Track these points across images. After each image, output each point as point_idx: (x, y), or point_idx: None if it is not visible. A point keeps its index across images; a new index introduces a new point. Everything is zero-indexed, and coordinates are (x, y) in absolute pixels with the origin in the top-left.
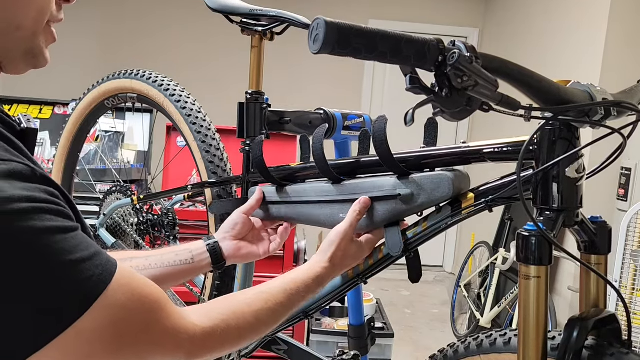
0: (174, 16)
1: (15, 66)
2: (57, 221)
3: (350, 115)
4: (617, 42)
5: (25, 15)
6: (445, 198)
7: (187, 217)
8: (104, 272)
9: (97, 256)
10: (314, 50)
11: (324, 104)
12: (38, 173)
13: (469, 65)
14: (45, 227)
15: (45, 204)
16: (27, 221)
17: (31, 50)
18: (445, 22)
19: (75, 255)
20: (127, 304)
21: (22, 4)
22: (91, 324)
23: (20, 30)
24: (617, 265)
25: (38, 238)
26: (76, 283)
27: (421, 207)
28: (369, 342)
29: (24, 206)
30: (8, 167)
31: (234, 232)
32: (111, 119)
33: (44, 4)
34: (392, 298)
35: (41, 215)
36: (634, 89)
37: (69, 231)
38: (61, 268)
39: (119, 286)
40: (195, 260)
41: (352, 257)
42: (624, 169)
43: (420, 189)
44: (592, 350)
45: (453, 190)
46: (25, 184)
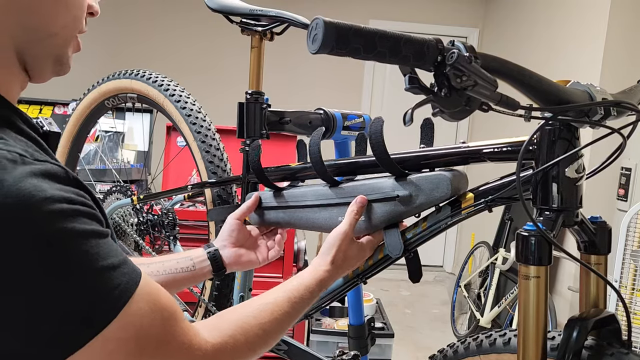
0: (174, 16)
1: (43, 73)
2: (92, 225)
3: (350, 115)
4: (617, 42)
5: (61, 23)
6: (444, 198)
7: (187, 217)
8: (130, 281)
9: (124, 264)
10: (313, 50)
11: (324, 104)
12: (71, 175)
13: (468, 65)
14: (82, 230)
15: (82, 206)
16: (66, 223)
17: (60, 57)
18: (445, 22)
19: (107, 262)
20: (149, 314)
21: (60, 13)
22: (116, 333)
23: (55, 38)
24: (617, 265)
25: (75, 241)
26: (106, 290)
27: (420, 207)
28: (369, 342)
29: (64, 207)
30: (45, 167)
31: (232, 239)
32: (111, 119)
33: (78, 13)
34: (392, 298)
35: (79, 217)
36: (634, 89)
37: (102, 236)
38: (94, 274)
39: (143, 296)
40: (196, 268)
41: (353, 258)
42: (624, 169)
43: (419, 190)
44: (591, 350)
45: (451, 190)
46: (62, 185)
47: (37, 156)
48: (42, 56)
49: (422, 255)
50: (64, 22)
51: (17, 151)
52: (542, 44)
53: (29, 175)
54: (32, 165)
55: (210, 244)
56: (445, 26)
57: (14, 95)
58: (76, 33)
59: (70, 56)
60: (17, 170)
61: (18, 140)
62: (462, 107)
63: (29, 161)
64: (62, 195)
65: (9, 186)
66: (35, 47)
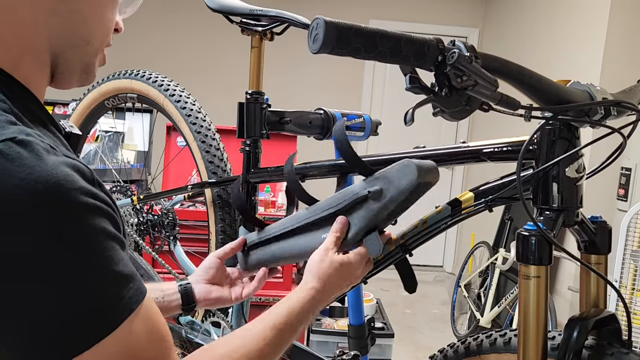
0: (174, 16)
1: (70, 80)
2: (112, 228)
3: (350, 115)
4: (617, 42)
5: (96, 32)
6: (412, 183)
7: (187, 217)
8: (135, 297)
9: (134, 279)
10: (314, 50)
11: (324, 104)
12: (96, 179)
13: (469, 65)
14: (104, 229)
15: (107, 206)
16: (92, 217)
17: (88, 66)
18: (445, 22)
19: (119, 269)
20: (145, 336)
21: (96, 22)
22: (111, 348)
23: (88, 45)
24: (617, 265)
25: (97, 237)
26: (112, 298)
27: (393, 200)
28: (369, 342)
29: (91, 202)
30: (75, 162)
31: (208, 276)
32: (111, 119)
33: (109, 26)
34: (392, 298)
35: (103, 216)
36: (634, 89)
37: (119, 242)
38: (105, 276)
39: (144, 317)
40: (165, 300)
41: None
42: (624, 169)
43: (388, 182)
44: (592, 350)
45: (418, 174)
46: (89, 181)
47: (67, 153)
48: (73, 62)
49: (422, 255)
50: (97, 32)
51: (49, 143)
52: (542, 43)
53: (61, 164)
54: (63, 157)
55: (184, 279)
56: (445, 26)
57: (43, 97)
58: (104, 45)
59: (97, 68)
60: (50, 159)
61: (48, 136)
62: (462, 107)
63: (60, 154)
64: (90, 189)
65: (41, 171)
66: (69, 53)
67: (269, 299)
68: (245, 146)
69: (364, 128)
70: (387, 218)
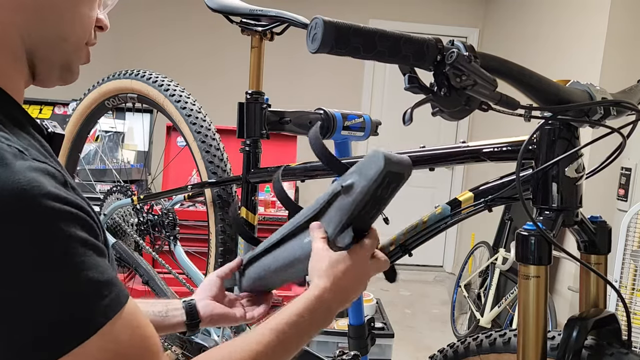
0: (175, 17)
1: (50, 77)
2: (84, 233)
3: (350, 115)
4: (617, 42)
5: (72, 30)
6: (379, 171)
7: (187, 217)
8: (111, 304)
9: (112, 284)
10: (313, 50)
11: (324, 104)
12: (69, 182)
13: (468, 65)
14: (74, 235)
15: (79, 211)
16: (60, 222)
17: (68, 65)
18: (445, 22)
19: (93, 275)
20: (128, 342)
21: (70, 18)
22: (89, 355)
23: (65, 42)
24: (617, 265)
25: (66, 243)
26: (88, 304)
27: (363, 191)
28: (369, 342)
29: (59, 207)
30: (45, 166)
31: (211, 293)
32: (111, 119)
33: (88, 22)
34: (392, 298)
35: (73, 222)
36: (634, 89)
37: (93, 248)
38: (78, 282)
39: (125, 322)
40: (168, 315)
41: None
42: (624, 169)
43: (359, 174)
44: (591, 350)
45: (385, 162)
46: (60, 186)
47: (38, 156)
48: (50, 60)
49: (422, 255)
50: (74, 29)
51: (17, 147)
52: (542, 43)
53: (28, 170)
54: (32, 162)
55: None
56: (445, 26)
57: (21, 96)
58: (84, 42)
59: (78, 66)
60: (16, 164)
61: (22, 138)
62: (461, 107)
63: (29, 158)
64: (59, 194)
65: (6, 178)
66: (45, 50)
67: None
68: (245, 146)
69: (364, 128)
70: (363, 213)
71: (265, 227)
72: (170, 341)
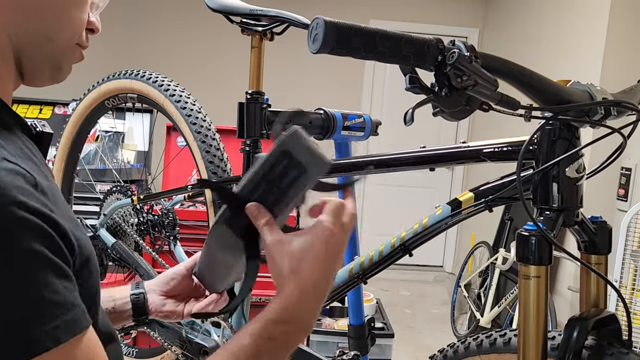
0: (174, 16)
1: (39, 77)
2: (36, 243)
3: (350, 115)
4: (617, 42)
5: (59, 30)
6: (277, 145)
7: (187, 217)
8: (63, 327)
9: (64, 307)
10: (314, 50)
11: (324, 104)
12: (39, 186)
13: (469, 65)
14: (29, 250)
15: (35, 217)
16: (19, 234)
17: (57, 65)
18: (445, 22)
19: (41, 292)
20: None
21: (59, 21)
22: None
23: (51, 42)
24: (617, 265)
25: (19, 256)
26: (30, 321)
27: (260, 161)
28: (369, 342)
29: (20, 215)
30: (14, 167)
31: (166, 288)
32: (111, 119)
33: (77, 23)
34: (392, 298)
35: (33, 234)
36: (634, 89)
37: (44, 262)
38: (20, 297)
39: (77, 352)
40: (117, 311)
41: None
42: (624, 169)
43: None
44: (592, 350)
45: (283, 141)
46: (24, 185)
47: (8, 157)
48: (38, 60)
49: (422, 255)
50: (61, 29)
51: None
52: (543, 43)
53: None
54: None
55: (139, 284)
56: (445, 26)
57: (8, 96)
58: (74, 43)
59: (70, 65)
60: None
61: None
62: (462, 107)
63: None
64: (17, 197)
65: None
66: (32, 50)
67: (269, 299)
68: (245, 146)
69: (364, 128)
70: (262, 189)
71: None
72: (170, 341)
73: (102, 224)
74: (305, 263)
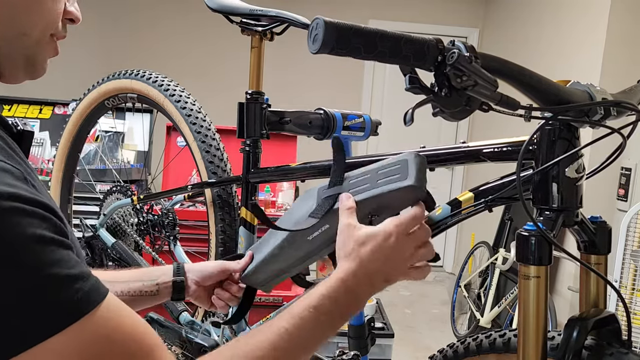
0: (174, 17)
1: (15, 74)
2: (39, 227)
3: (350, 115)
4: (617, 42)
5: (32, 24)
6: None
7: (187, 217)
8: (85, 298)
9: (80, 279)
10: (313, 50)
11: (324, 104)
12: (29, 180)
13: (468, 65)
14: (30, 233)
15: (31, 206)
16: (13, 221)
17: (32, 59)
18: (445, 22)
19: (51, 270)
20: (106, 340)
21: (32, 14)
22: (58, 350)
23: (25, 37)
24: (617, 265)
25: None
26: (46, 301)
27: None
28: (369, 342)
29: (6, 205)
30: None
31: (203, 282)
32: (111, 119)
33: (52, 15)
34: (392, 298)
35: (23, 218)
36: (634, 89)
37: (51, 242)
38: (31, 280)
39: (101, 319)
40: (160, 293)
41: (380, 249)
42: (624, 169)
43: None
44: (591, 350)
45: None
46: (14, 181)
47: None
48: (12, 56)
49: None
50: (34, 23)
51: None
52: (542, 43)
53: None
54: None
55: (181, 268)
56: (445, 26)
57: None
58: (48, 35)
59: (45, 59)
60: None
61: None
62: (462, 107)
63: None
64: (12, 192)
65: None
66: (6, 46)
67: (268, 299)
68: (245, 146)
69: (364, 128)
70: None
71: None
72: (170, 341)
73: (102, 223)
74: (365, 249)
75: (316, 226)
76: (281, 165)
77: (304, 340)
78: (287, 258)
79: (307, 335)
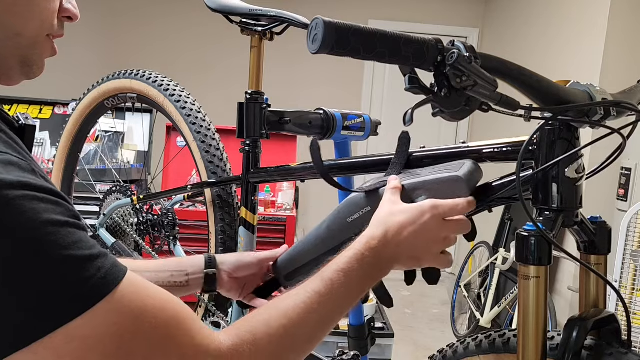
0: (174, 16)
1: (11, 75)
2: (53, 212)
3: (350, 115)
4: (617, 42)
5: (27, 24)
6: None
7: (187, 217)
8: (107, 276)
9: (100, 258)
10: (313, 50)
11: (324, 104)
12: (37, 169)
13: (468, 65)
14: (46, 218)
15: (42, 193)
16: (27, 208)
17: (28, 59)
18: (445, 22)
19: (71, 252)
20: (134, 315)
21: (25, 13)
22: (86, 330)
23: (19, 37)
24: (617, 266)
25: (38, 227)
26: (69, 283)
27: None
28: (369, 342)
29: (18, 193)
30: (4, 157)
31: (234, 272)
32: (111, 119)
33: (46, 14)
34: None
35: (36, 204)
36: (634, 89)
37: (66, 225)
38: (51, 264)
39: (126, 295)
40: (190, 285)
41: (411, 223)
42: (624, 169)
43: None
44: (591, 350)
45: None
46: (24, 173)
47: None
48: (6, 57)
49: None
50: (29, 23)
51: None
52: (542, 43)
53: None
54: None
55: (213, 259)
56: (445, 26)
57: None
58: (44, 35)
59: (41, 59)
60: None
61: None
62: (462, 107)
63: None
64: (22, 181)
65: None
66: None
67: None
68: (245, 146)
69: (363, 128)
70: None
71: (265, 227)
72: None
73: (101, 223)
74: (395, 219)
75: (359, 205)
76: (281, 165)
77: (336, 301)
78: (324, 240)
79: (340, 295)
